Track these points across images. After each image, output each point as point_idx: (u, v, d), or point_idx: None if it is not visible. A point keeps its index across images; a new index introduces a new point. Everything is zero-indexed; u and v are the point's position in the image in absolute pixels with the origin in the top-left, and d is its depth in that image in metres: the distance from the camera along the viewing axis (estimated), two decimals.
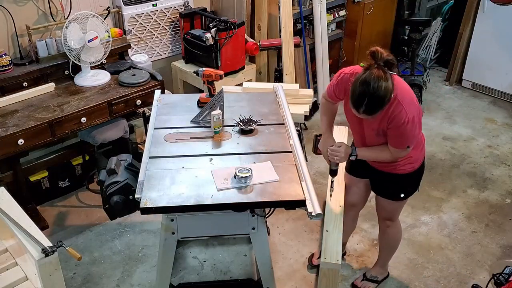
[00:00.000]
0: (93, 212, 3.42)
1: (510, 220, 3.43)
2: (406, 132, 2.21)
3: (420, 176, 2.56)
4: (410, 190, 2.55)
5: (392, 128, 2.22)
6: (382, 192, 2.59)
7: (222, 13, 4.16)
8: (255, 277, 2.88)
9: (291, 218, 3.36)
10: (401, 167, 2.42)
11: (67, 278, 2.86)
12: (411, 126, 2.19)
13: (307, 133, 4.33)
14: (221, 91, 2.60)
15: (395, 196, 2.55)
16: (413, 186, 2.57)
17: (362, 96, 2.07)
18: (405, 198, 2.56)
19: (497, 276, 2.76)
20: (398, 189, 2.52)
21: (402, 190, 2.52)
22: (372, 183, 2.64)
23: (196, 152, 2.37)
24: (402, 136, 2.24)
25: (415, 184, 2.57)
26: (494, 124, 4.59)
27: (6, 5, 3.09)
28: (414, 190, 2.58)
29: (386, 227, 2.71)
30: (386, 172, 2.47)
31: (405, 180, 2.49)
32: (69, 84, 3.34)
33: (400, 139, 2.26)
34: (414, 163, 2.45)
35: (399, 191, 2.53)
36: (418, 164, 2.47)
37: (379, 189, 2.61)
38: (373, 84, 2.04)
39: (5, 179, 3.15)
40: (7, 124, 2.88)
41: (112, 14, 3.62)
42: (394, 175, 2.46)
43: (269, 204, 2.18)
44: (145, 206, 2.03)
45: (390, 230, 2.72)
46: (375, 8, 4.77)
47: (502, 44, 4.76)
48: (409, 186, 2.54)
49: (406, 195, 2.54)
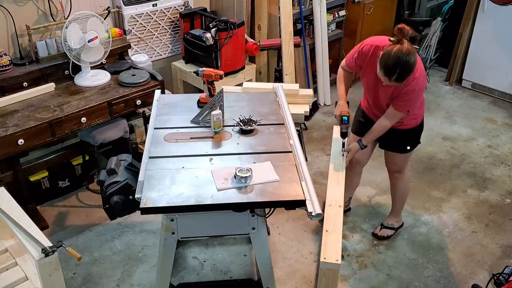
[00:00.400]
0: (93, 212, 3.42)
1: (510, 220, 3.43)
2: (413, 99, 2.61)
3: (421, 130, 2.93)
4: (415, 142, 2.94)
5: (402, 93, 2.58)
6: (392, 147, 2.96)
7: (222, 13, 4.16)
8: (255, 277, 2.88)
9: (291, 218, 3.36)
10: (407, 123, 2.80)
11: (67, 278, 2.86)
12: (418, 94, 2.60)
13: (307, 133, 4.34)
14: (221, 91, 2.60)
15: (402, 149, 2.92)
16: (417, 139, 2.95)
17: (395, 66, 2.40)
18: (411, 150, 2.93)
19: (497, 276, 2.77)
20: (405, 142, 2.90)
21: (408, 142, 2.90)
22: (381, 141, 2.97)
23: (196, 152, 2.37)
24: (409, 101, 2.61)
25: (417, 136, 2.95)
26: (494, 124, 4.59)
27: (6, 5, 3.09)
28: (417, 142, 2.96)
29: (395, 179, 3.09)
30: (394, 129, 2.80)
31: (410, 133, 2.88)
32: (69, 84, 3.34)
33: (405, 104, 2.62)
34: (418, 119, 2.84)
35: (406, 144, 2.90)
36: (420, 119, 2.87)
37: (388, 144, 2.97)
38: (405, 57, 2.39)
39: (5, 179, 3.15)
40: (7, 124, 2.88)
41: (112, 14, 3.62)
42: (401, 130, 2.83)
43: (269, 204, 2.18)
44: (145, 206, 2.03)
45: (399, 182, 3.09)
46: (375, 8, 4.77)
47: (502, 44, 4.76)
48: (413, 138, 2.92)
49: (411, 147, 2.92)
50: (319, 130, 4.41)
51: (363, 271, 2.98)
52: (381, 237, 3.21)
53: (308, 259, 3.06)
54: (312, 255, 3.09)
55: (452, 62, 5.22)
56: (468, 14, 4.93)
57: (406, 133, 2.86)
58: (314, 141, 4.25)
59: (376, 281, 2.93)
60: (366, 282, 2.92)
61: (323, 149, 4.12)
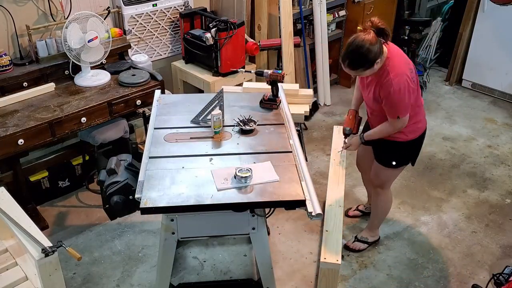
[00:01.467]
0: (93, 212, 3.42)
1: (510, 220, 3.43)
2: (394, 101, 2.45)
3: (414, 149, 2.77)
4: (402, 160, 2.76)
5: (383, 97, 2.47)
6: (377, 157, 2.82)
7: (222, 13, 4.16)
8: (255, 277, 2.88)
9: (291, 218, 3.36)
10: (394, 135, 2.64)
11: (67, 278, 2.86)
12: (398, 96, 2.42)
13: (307, 133, 4.34)
14: (221, 91, 2.60)
15: (387, 162, 2.76)
16: (405, 157, 2.78)
17: (347, 49, 2.37)
18: (397, 166, 2.76)
19: (497, 276, 2.77)
20: (390, 156, 2.74)
21: (394, 157, 2.73)
22: (374, 151, 2.85)
23: (196, 152, 2.37)
24: (391, 105, 2.48)
25: (407, 155, 2.78)
26: (494, 124, 4.59)
27: (6, 5, 3.09)
28: (406, 161, 2.79)
29: (377, 194, 2.94)
30: (382, 140, 2.69)
31: (397, 148, 2.70)
32: (69, 84, 3.34)
33: (390, 109, 2.50)
34: (408, 134, 2.65)
35: (391, 158, 2.74)
36: (412, 136, 2.67)
37: (376, 155, 2.83)
38: (358, 42, 2.34)
39: (5, 179, 3.15)
40: (7, 124, 2.88)
41: (112, 14, 3.62)
42: (388, 142, 2.68)
43: (269, 204, 2.18)
44: (145, 206, 2.03)
45: (380, 198, 2.94)
46: (375, 8, 4.77)
47: (502, 44, 4.76)
48: (400, 155, 2.75)
49: (397, 164, 2.74)
50: (319, 130, 4.41)
51: (363, 271, 2.98)
52: (352, 249, 3.09)
53: (308, 259, 3.06)
54: (312, 255, 3.09)
55: (452, 62, 5.21)
56: (468, 14, 4.93)
57: (393, 146, 2.70)
58: (314, 141, 4.25)
59: (376, 281, 2.93)
60: (366, 282, 2.92)
61: (323, 149, 4.12)
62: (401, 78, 2.41)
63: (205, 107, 2.59)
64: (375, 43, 2.35)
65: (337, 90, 5.04)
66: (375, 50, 2.35)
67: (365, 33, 2.36)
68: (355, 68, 2.41)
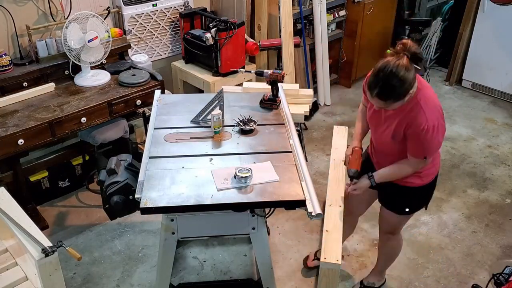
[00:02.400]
0: (93, 212, 3.42)
1: (510, 220, 3.43)
2: (426, 140, 2.11)
3: (429, 192, 2.45)
4: (417, 205, 2.46)
5: (412, 134, 2.13)
6: (387, 204, 2.50)
7: (222, 13, 4.16)
8: (255, 277, 2.88)
9: (291, 218, 3.36)
10: (408, 180, 2.32)
11: (67, 278, 2.86)
12: (431, 135, 2.10)
13: (307, 133, 4.34)
14: (221, 91, 2.60)
15: (400, 209, 2.45)
16: (420, 202, 2.47)
17: (378, 76, 2.01)
18: (410, 213, 2.46)
19: (497, 276, 2.76)
20: (404, 203, 2.42)
21: (408, 204, 2.41)
22: (379, 193, 2.55)
23: (196, 152, 2.37)
24: (421, 144, 2.14)
25: (422, 200, 2.47)
26: (494, 124, 4.59)
27: (6, 5, 3.09)
28: (420, 206, 2.48)
29: (387, 239, 2.66)
30: (394, 183, 2.36)
31: (412, 194, 2.38)
32: (69, 84, 3.34)
33: (418, 147, 2.16)
34: (424, 178, 2.33)
35: (405, 205, 2.42)
36: (429, 179, 2.35)
37: (385, 200, 2.52)
38: (392, 67, 1.97)
39: (5, 179, 3.15)
40: (7, 124, 2.88)
41: (112, 14, 3.62)
42: (400, 187, 2.35)
43: (269, 204, 2.18)
44: (145, 206, 2.03)
45: (390, 243, 2.68)
46: (375, 8, 4.77)
47: (502, 44, 4.76)
48: (415, 201, 2.44)
49: (411, 210, 2.44)
50: (319, 130, 4.41)
51: (363, 271, 2.98)
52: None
53: None
54: None
55: (452, 62, 5.22)
56: (468, 14, 4.93)
57: (408, 192, 2.37)
58: (314, 141, 4.25)
59: None
60: None
61: (323, 149, 4.12)
62: (435, 115, 2.11)
63: (205, 107, 2.59)
64: (410, 69, 2.00)
65: (337, 90, 5.04)
66: (410, 79, 2.00)
67: (397, 58, 2.00)
68: (386, 99, 2.04)
